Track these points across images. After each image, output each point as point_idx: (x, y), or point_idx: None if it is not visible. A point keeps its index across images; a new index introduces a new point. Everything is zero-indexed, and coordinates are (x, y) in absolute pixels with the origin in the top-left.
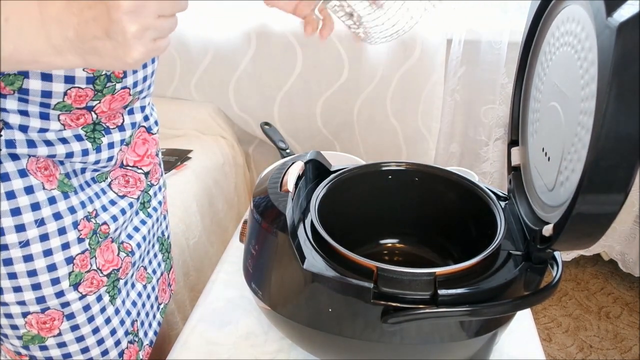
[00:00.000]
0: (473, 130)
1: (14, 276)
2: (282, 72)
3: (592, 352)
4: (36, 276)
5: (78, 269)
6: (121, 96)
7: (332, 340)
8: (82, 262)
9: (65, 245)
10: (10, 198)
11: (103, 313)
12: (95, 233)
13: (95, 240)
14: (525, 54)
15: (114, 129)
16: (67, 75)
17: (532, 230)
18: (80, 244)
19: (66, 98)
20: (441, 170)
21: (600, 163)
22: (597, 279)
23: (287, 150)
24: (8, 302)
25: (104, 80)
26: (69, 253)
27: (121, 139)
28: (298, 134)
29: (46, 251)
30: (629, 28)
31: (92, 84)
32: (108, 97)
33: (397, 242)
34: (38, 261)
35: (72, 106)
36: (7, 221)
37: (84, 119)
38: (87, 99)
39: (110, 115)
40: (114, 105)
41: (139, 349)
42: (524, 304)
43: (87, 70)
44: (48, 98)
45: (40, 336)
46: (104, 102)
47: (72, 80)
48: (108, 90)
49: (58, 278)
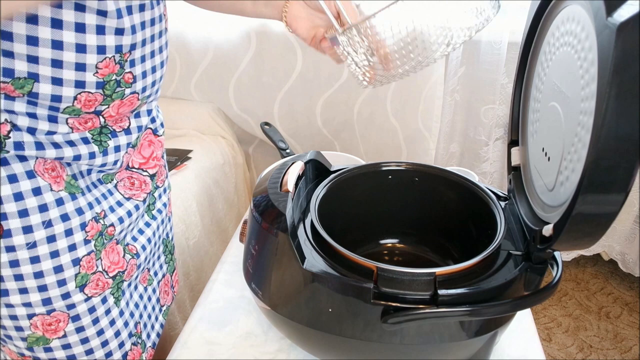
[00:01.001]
0: (473, 130)
1: (20, 278)
2: (282, 72)
3: (592, 352)
4: (43, 278)
5: (84, 270)
6: (130, 101)
7: (332, 340)
8: (89, 264)
9: (72, 246)
10: (18, 200)
11: (108, 315)
12: (101, 235)
13: (101, 242)
14: (525, 54)
15: (120, 132)
16: (78, 80)
17: (532, 230)
18: (86, 246)
19: (76, 102)
20: (441, 170)
21: (600, 163)
22: (597, 279)
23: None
24: (14, 303)
25: (114, 85)
26: (76, 255)
27: (127, 142)
28: (298, 134)
29: (53, 253)
30: (629, 28)
31: (102, 89)
32: (117, 102)
33: (397, 242)
34: (45, 263)
35: (81, 110)
36: (15, 222)
37: (92, 122)
38: (96, 103)
39: (117, 119)
40: (122, 109)
41: (142, 350)
42: (524, 304)
43: (97, 75)
44: (58, 102)
45: (45, 338)
46: (112, 107)
47: (83, 85)
48: (117, 95)
49: (64, 280)
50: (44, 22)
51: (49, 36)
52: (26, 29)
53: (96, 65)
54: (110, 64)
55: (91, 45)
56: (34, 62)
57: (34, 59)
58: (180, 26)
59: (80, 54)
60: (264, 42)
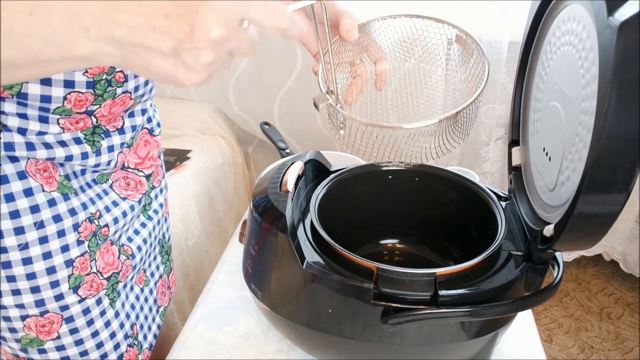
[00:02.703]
0: (473, 130)
1: (12, 279)
2: (282, 72)
3: (593, 353)
4: (35, 279)
5: (78, 271)
6: (122, 100)
7: (332, 341)
8: (82, 265)
9: (64, 247)
10: (10, 200)
11: (102, 316)
12: (95, 235)
13: (95, 243)
14: (526, 54)
15: (113, 132)
16: (67, 80)
17: (533, 230)
18: (79, 247)
19: (66, 103)
20: (441, 170)
21: (601, 163)
22: (598, 279)
23: (287, 150)
24: (7, 305)
25: (105, 85)
26: (69, 256)
27: (121, 142)
28: (298, 134)
29: (45, 254)
30: (630, 27)
31: (92, 89)
32: (109, 101)
33: (397, 242)
34: (37, 264)
35: (71, 111)
36: (6, 224)
37: (84, 122)
38: (87, 103)
39: (110, 119)
40: (115, 109)
41: (138, 352)
42: (525, 305)
43: (87, 74)
44: (47, 102)
45: (39, 339)
46: (104, 107)
47: (72, 84)
48: (109, 94)
49: (57, 281)
50: None
51: None
52: None
53: None
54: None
55: None
56: None
57: None
58: None
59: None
60: (264, 42)
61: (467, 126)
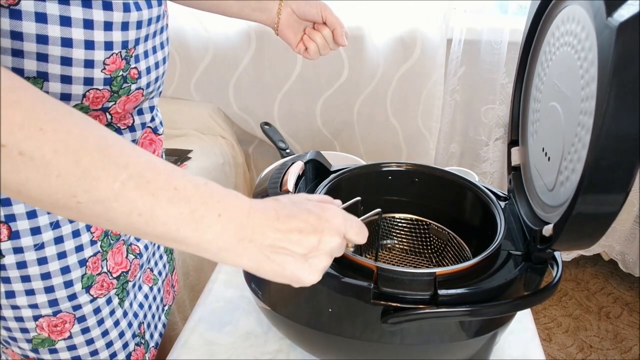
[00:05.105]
0: (473, 130)
1: (27, 279)
2: (282, 72)
3: (592, 352)
4: (50, 279)
5: (90, 271)
6: (135, 97)
7: (332, 340)
8: (94, 265)
9: (79, 247)
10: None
11: (112, 316)
12: (106, 235)
13: (107, 243)
14: (525, 54)
15: (125, 129)
16: (86, 77)
17: (532, 230)
18: (92, 247)
19: (84, 100)
20: (441, 170)
21: (600, 163)
22: (597, 279)
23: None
24: (20, 305)
25: (120, 81)
26: (82, 255)
27: (132, 140)
28: (298, 134)
29: (60, 254)
30: (629, 28)
31: (109, 85)
32: (123, 98)
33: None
34: (52, 264)
35: (89, 108)
36: (23, 224)
37: (99, 120)
38: (103, 100)
39: (122, 116)
40: (128, 106)
41: (145, 351)
42: (524, 304)
43: (104, 71)
44: (67, 100)
45: (50, 339)
46: (119, 103)
47: (91, 82)
48: (124, 91)
49: (71, 281)
50: (53, 21)
51: (59, 34)
52: (36, 28)
53: (104, 62)
54: (117, 59)
55: (99, 41)
56: (44, 60)
57: (44, 57)
58: (180, 25)
59: (89, 50)
60: (264, 41)
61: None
